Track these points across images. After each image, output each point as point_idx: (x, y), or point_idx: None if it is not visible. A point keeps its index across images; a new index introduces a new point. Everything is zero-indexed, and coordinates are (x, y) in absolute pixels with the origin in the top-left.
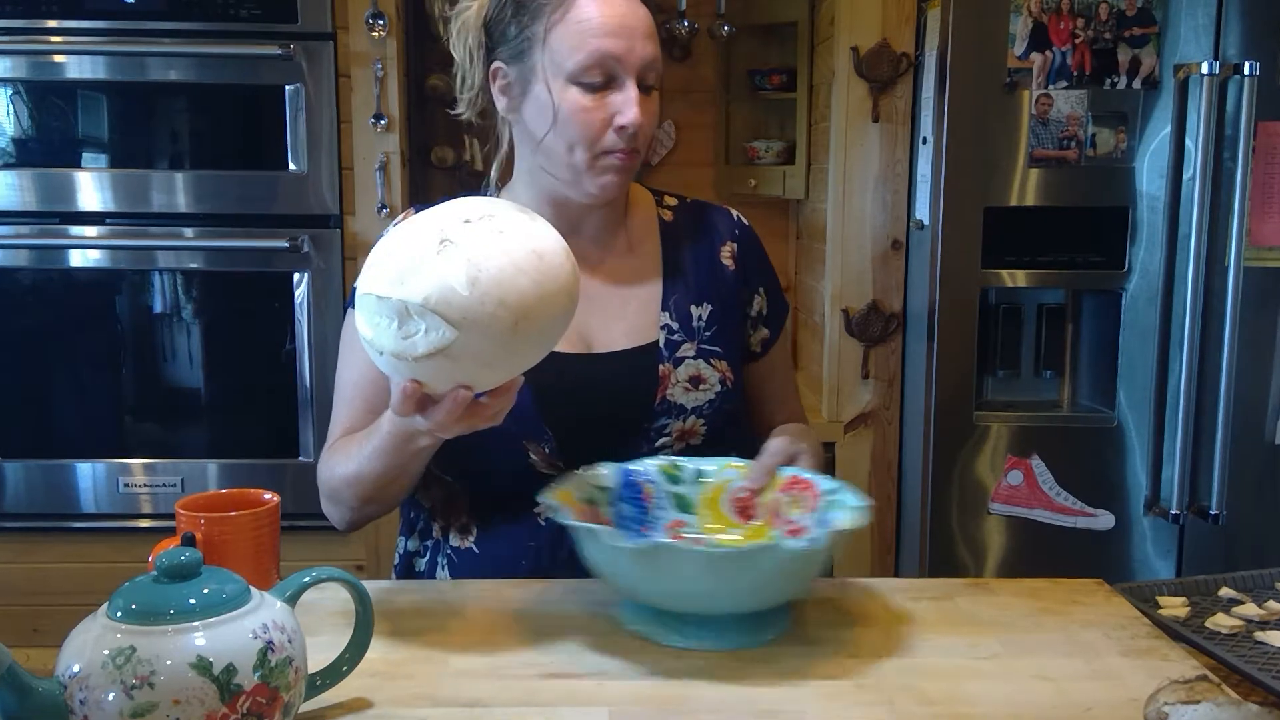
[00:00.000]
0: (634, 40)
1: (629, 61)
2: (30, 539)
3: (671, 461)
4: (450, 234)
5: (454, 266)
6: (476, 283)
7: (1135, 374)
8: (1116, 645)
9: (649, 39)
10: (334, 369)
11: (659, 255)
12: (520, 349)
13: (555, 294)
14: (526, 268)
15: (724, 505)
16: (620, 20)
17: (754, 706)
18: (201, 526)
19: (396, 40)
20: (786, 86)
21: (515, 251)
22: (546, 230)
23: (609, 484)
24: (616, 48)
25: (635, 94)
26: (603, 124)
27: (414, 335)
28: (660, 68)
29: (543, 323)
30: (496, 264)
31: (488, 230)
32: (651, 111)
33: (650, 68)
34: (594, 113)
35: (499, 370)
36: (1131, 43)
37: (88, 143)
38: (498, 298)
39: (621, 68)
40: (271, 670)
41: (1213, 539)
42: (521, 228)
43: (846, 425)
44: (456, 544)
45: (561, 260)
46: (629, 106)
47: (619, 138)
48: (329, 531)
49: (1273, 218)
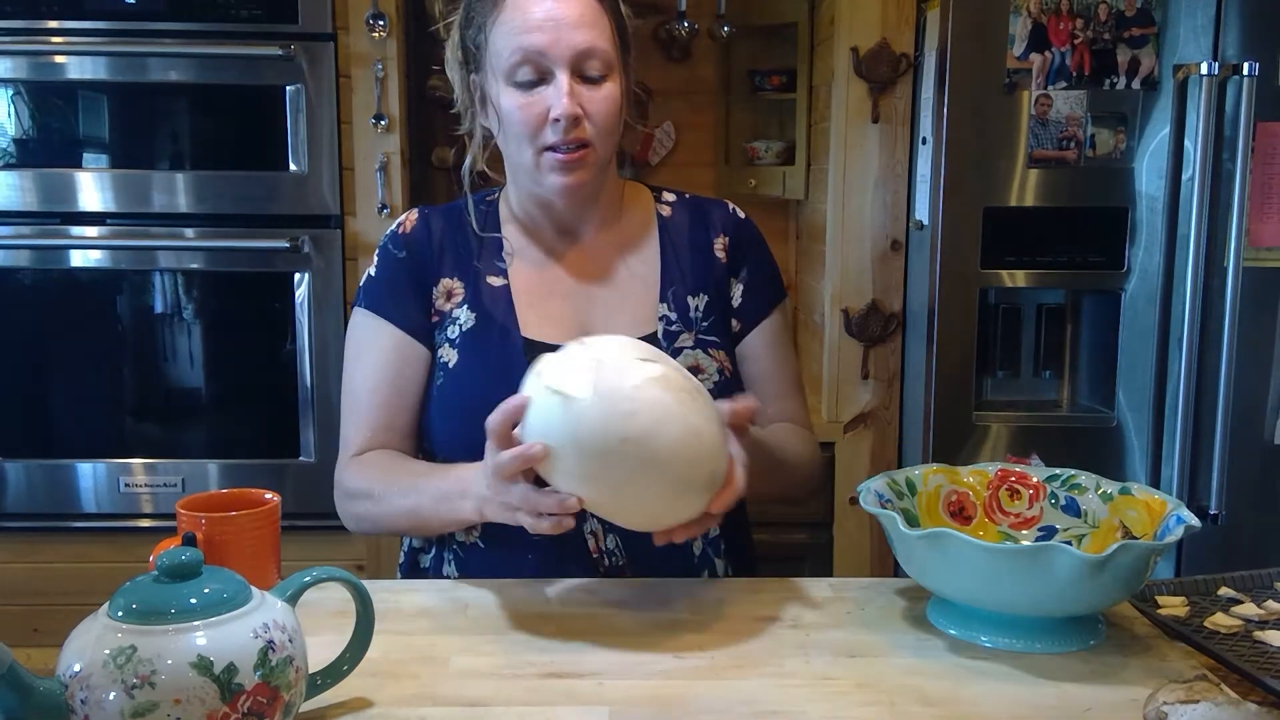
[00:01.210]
0: (560, 32)
1: (556, 54)
2: (31, 539)
3: (889, 477)
4: (607, 362)
5: (580, 441)
6: (599, 459)
7: (1135, 374)
8: (1115, 645)
9: (584, 28)
10: (335, 369)
11: (657, 249)
12: (637, 499)
13: (685, 469)
14: (661, 462)
15: (941, 509)
16: (546, 14)
17: (754, 706)
18: (202, 526)
19: (397, 41)
20: (786, 87)
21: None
22: (698, 408)
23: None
24: (541, 42)
25: (566, 85)
26: (539, 120)
27: (566, 375)
28: (608, 55)
29: (660, 492)
30: (629, 457)
31: (648, 376)
32: (603, 99)
33: (588, 56)
34: (528, 109)
35: (616, 500)
36: (1131, 43)
37: (88, 143)
38: (619, 480)
39: (549, 61)
40: (272, 670)
41: (1212, 539)
42: (678, 384)
43: (846, 425)
44: (462, 539)
45: (712, 445)
46: (559, 98)
47: (555, 131)
48: (329, 531)
49: (1272, 218)
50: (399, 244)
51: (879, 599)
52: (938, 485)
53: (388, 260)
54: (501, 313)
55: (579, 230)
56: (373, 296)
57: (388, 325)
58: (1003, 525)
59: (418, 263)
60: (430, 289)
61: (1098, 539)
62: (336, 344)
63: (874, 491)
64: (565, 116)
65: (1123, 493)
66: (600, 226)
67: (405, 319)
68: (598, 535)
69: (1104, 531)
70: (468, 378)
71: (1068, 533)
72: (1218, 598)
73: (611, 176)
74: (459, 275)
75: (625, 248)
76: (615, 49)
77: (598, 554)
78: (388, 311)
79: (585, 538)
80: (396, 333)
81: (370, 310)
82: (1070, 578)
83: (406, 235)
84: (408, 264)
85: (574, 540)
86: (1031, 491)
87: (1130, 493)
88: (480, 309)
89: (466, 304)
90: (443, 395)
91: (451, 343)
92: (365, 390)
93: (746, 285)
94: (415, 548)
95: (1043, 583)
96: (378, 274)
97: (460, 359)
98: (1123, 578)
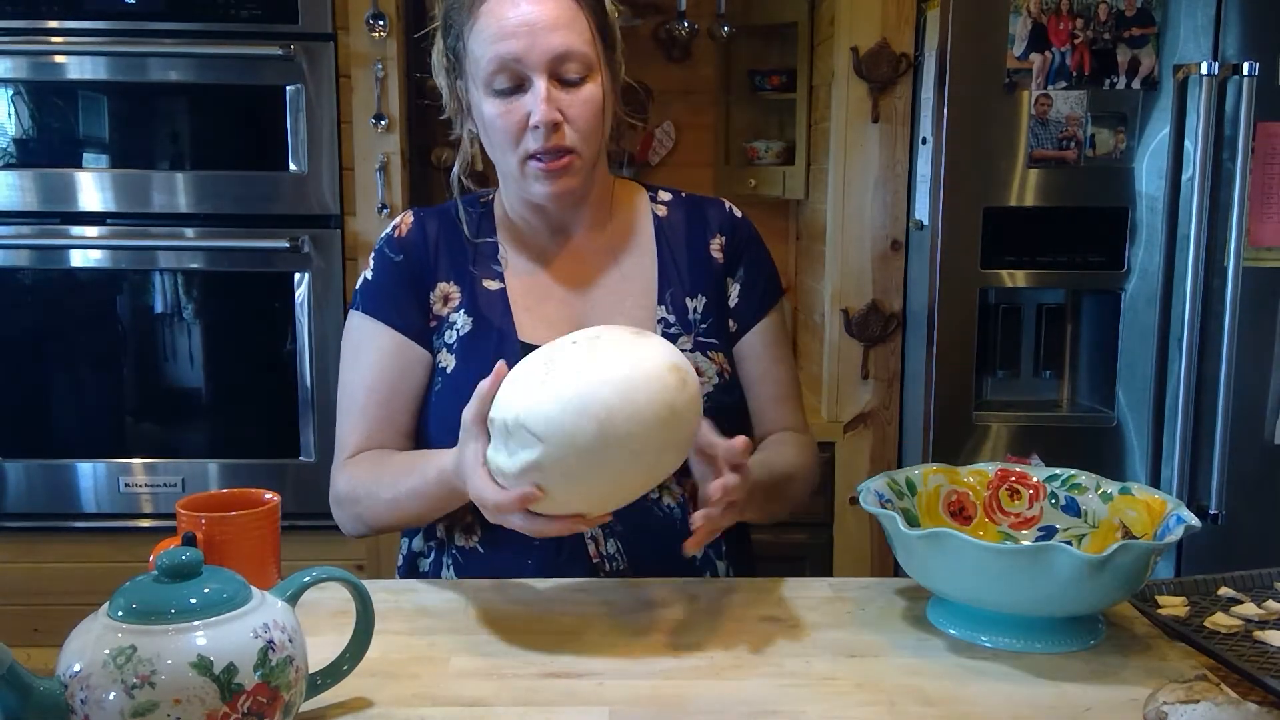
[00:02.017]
0: (535, 37)
1: (531, 59)
2: (31, 539)
3: (889, 477)
4: (555, 355)
5: (548, 384)
6: (559, 397)
7: (1134, 374)
8: (1115, 645)
9: (559, 30)
10: (335, 369)
11: (653, 250)
12: (611, 462)
13: (646, 405)
14: (614, 379)
15: (941, 509)
16: (520, 19)
17: (754, 706)
18: (202, 526)
19: (397, 41)
20: (786, 87)
21: (608, 367)
22: (653, 347)
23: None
24: (515, 49)
25: (544, 91)
26: (519, 127)
27: (516, 453)
28: (586, 56)
29: (631, 433)
30: (585, 380)
31: (587, 350)
32: (584, 102)
33: (564, 60)
34: (508, 117)
35: (595, 484)
36: (1131, 43)
37: (88, 143)
38: (578, 408)
39: (525, 67)
40: (272, 670)
41: (1212, 538)
42: (622, 345)
43: (846, 425)
44: (461, 544)
45: (660, 373)
46: (536, 104)
47: (536, 138)
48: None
49: (1272, 218)
50: (395, 248)
51: (879, 599)
52: (938, 485)
53: (384, 264)
54: (498, 317)
55: (572, 231)
56: (369, 300)
57: (385, 328)
58: (1003, 525)
59: (415, 267)
60: (428, 293)
61: (1098, 539)
62: (337, 344)
63: (874, 491)
64: (543, 124)
65: (1123, 493)
66: (593, 227)
67: (403, 321)
68: (598, 540)
69: (1104, 531)
70: (465, 383)
71: (1068, 533)
72: (1218, 598)
73: (602, 175)
74: (455, 279)
75: (620, 249)
76: (595, 47)
77: (598, 559)
78: (385, 314)
79: (585, 542)
80: (394, 335)
81: (367, 314)
82: (1070, 578)
83: (403, 239)
84: (404, 267)
85: (574, 545)
86: (1031, 491)
87: (1130, 493)
88: (477, 313)
89: (463, 308)
90: (440, 400)
91: (449, 348)
92: (362, 389)
93: (743, 285)
94: (415, 551)
95: (1043, 583)
96: (374, 277)
97: (458, 364)
98: (1123, 578)
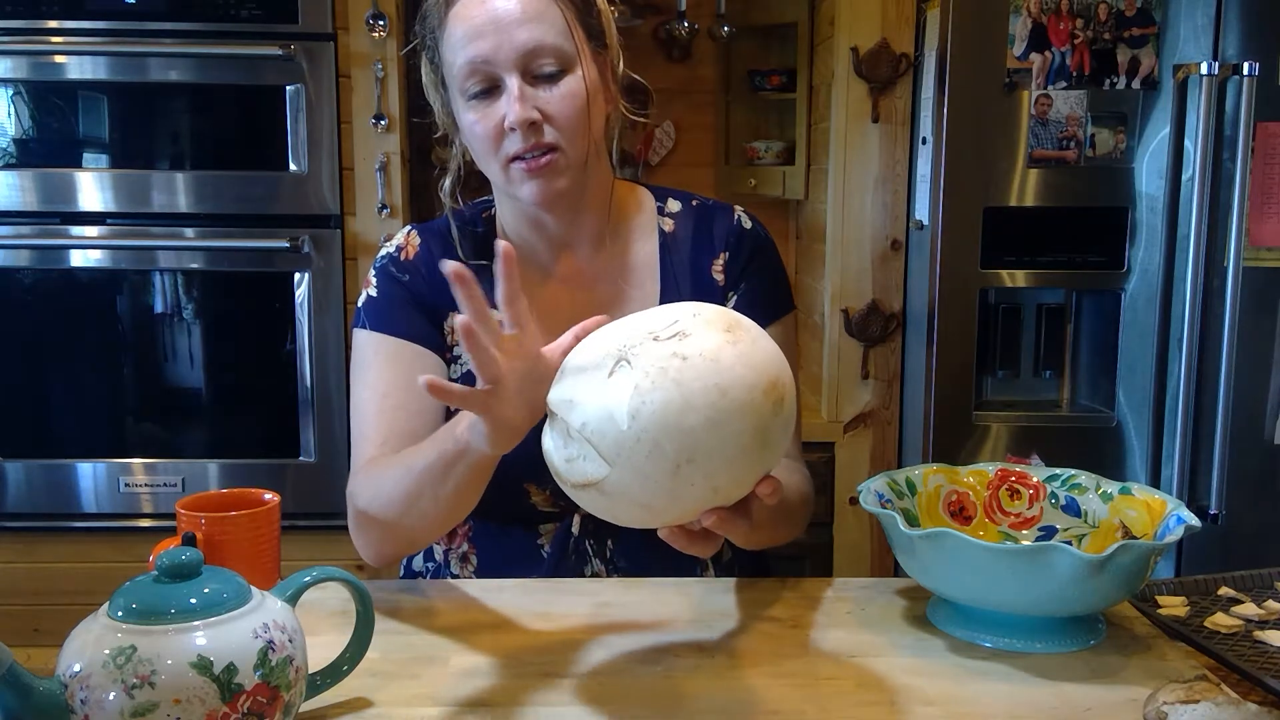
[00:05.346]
0: (503, 34)
1: (500, 59)
2: (31, 539)
3: (889, 476)
4: (629, 351)
5: (620, 393)
6: (637, 416)
7: (1134, 374)
8: (1115, 645)
9: (527, 24)
10: (335, 369)
11: (657, 275)
12: (683, 493)
13: (734, 439)
14: (700, 404)
15: (941, 509)
16: (486, 18)
17: (754, 706)
18: (202, 526)
19: (397, 41)
20: (786, 87)
21: (692, 383)
22: (748, 361)
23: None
24: (483, 50)
25: (517, 90)
26: (496, 131)
27: (574, 460)
28: (561, 48)
29: (713, 466)
30: (663, 397)
31: (668, 353)
32: (562, 96)
33: (536, 55)
34: (485, 122)
35: (658, 510)
36: (1131, 43)
37: (88, 143)
38: (654, 438)
39: (495, 67)
40: (272, 670)
41: (1212, 538)
42: (710, 352)
43: (846, 425)
44: (457, 572)
45: (754, 399)
46: (510, 104)
47: (514, 140)
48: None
49: (1272, 218)
50: (401, 268)
51: (879, 599)
52: (938, 485)
53: (389, 281)
54: None
55: (573, 247)
56: (375, 316)
57: (394, 339)
58: (1003, 525)
59: (425, 291)
60: (441, 321)
61: (1098, 539)
62: (337, 344)
63: (874, 491)
64: (518, 124)
65: (1123, 493)
66: (596, 241)
67: (414, 331)
68: (599, 541)
69: (1104, 531)
70: None
71: (1068, 533)
72: (1218, 598)
73: (600, 178)
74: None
75: (625, 268)
76: (574, 39)
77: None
78: (395, 327)
79: (586, 550)
80: (405, 343)
81: (374, 330)
82: (1070, 578)
83: (410, 262)
84: (412, 288)
85: (574, 555)
86: (1031, 491)
87: (1130, 493)
88: None
89: None
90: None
91: (463, 379)
92: (377, 396)
93: (741, 297)
94: (415, 571)
95: (1043, 583)
96: (379, 294)
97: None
98: (1123, 578)
